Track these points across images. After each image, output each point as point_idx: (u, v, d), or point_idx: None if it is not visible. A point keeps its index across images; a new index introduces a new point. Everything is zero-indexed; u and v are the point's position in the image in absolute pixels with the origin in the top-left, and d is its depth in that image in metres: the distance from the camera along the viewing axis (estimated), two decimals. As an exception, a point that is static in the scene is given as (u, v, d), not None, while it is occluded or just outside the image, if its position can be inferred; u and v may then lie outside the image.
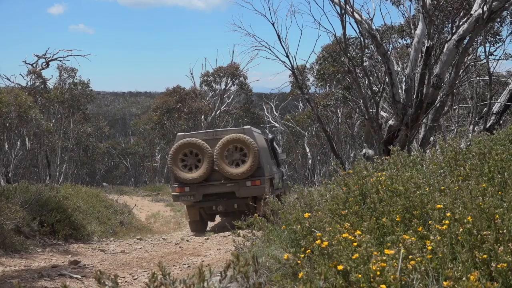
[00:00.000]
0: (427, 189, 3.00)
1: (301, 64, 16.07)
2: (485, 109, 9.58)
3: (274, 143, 12.97)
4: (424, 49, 7.79)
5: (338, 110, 22.87)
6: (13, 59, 70.49)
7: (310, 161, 27.45)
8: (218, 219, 11.32)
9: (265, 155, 9.97)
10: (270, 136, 12.62)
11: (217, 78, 27.00)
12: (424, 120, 8.06)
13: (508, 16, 12.39)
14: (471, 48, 10.20)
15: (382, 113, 12.07)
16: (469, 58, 11.53)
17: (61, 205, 8.73)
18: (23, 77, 25.26)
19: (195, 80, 28.21)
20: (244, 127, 10.05)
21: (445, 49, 7.66)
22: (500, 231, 2.30)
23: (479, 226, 2.33)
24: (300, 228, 2.80)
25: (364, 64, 9.43)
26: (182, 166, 9.36)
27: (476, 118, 11.21)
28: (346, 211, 3.14)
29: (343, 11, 7.55)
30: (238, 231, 4.03)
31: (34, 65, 24.31)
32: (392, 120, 7.88)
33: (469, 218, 2.39)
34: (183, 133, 10.07)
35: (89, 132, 27.69)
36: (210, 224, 10.92)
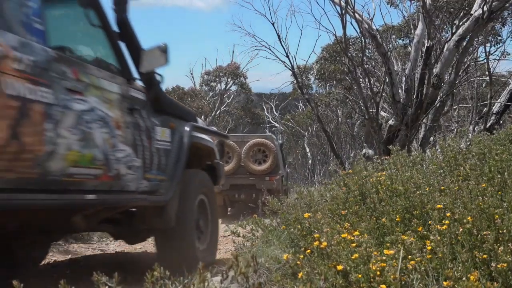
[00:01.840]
0: (427, 189, 3.00)
1: (302, 64, 16.11)
2: (485, 109, 9.58)
3: (282, 147, 15.55)
4: (424, 49, 7.80)
5: (338, 110, 22.87)
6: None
7: (310, 161, 27.47)
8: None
9: (279, 157, 12.16)
10: (280, 141, 14.64)
11: (216, 78, 26.99)
12: (424, 120, 8.07)
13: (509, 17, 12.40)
14: (471, 48, 10.19)
15: (382, 113, 12.07)
16: (469, 58, 11.52)
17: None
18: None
19: (195, 80, 28.22)
20: (266, 134, 13.55)
21: (445, 49, 7.66)
22: (500, 231, 2.30)
23: (479, 226, 2.33)
24: (299, 228, 2.81)
25: (365, 64, 9.43)
26: None
27: (476, 118, 11.22)
28: (346, 211, 3.14)
29: (343, 11, 7.55)
30: (238, 231, 4.04)
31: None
32: (392, 120, 7.88)
33: (469, 218, 2.39)
34: None
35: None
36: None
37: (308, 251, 2.45)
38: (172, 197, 3.82)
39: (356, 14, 8.05)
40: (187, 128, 4.19)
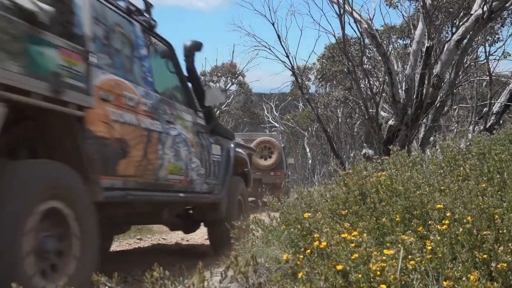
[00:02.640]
0: (427, 189, 3.00)
1: (302, 64, 16.14)
2: (485, 109, 9.58)
3: (285, 150, 16.25)
4: (424, 49, 7.80)
5: (338, 110, 22.87)
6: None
7: (310, 161, 27.47)
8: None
9: (283, 155, 13.18)
10: (282, 145, 15.38)
11: (214, 78, 26.92)
12: (424, 120, 8.07)
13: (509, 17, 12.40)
14: (471, 48, 10.20)
15: (382, 113, 12.08)
16: (469, 58, 11.52)
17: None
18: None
19: (195, 80, 28.09)
20: (272, 133, 14.75)
21: (445, 49, 7.66)
22: (500, 231, 2.30)
23: (479, 226, 2.34)
24: (299, 228, 2.80)
25: (364, 64, 9.44)
26: None
27: (476, 118, 11.22)
28: (346, 211, 3.14)
29: (341, 11, 7.55)
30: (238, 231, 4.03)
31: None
32: (392, 120, 7.88)
33: (469, 218, 2.39)
34: None
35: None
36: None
37: (308, 251, 2.45)
38: (223, 196, 5.14)
39: (355, 14, 8.04)
40: (232, 145, 5.63)
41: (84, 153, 3.13)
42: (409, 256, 2.22)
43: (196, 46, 5.17)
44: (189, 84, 5.04)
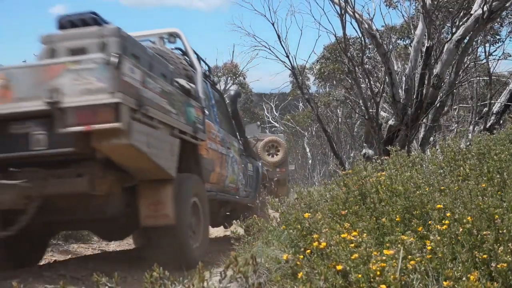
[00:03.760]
0: (427, 189, 3.00)
1: (301, 64, 16.10)
2: (485, 109, 9.58)
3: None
4: (424, 49, 7.79)
5: (338, 110, 22.86)
6: (12, 57, 70.35)
7: (310, 161, 27.46)
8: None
9: (288, 154, 15.12)
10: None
11: (214, 78, 26.81)
12: (424, 120, 8.06)
13: (509, 16, 12.39)
14: (471, 48, 10.19)
15: (382, 113, 12.07)
16: (469, 58, 11.52)
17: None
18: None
19: (195, 80, 28.07)
20: (278, 134, 17.83)
21: (445, 49, 7.65)
22: (500, 231, 2.30)
23: (479, 226, 2.34)
24: (299, 228, 2.80)
25: (365, 64, 9.43)
26: None
27: (476, 118, 11.22)
28: (346, 211, 3.14)
29: (343, 11, 7.55)
30: (237, 231, 4.03)
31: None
32: (392, 120, 7.88)
33: (469, 218, 2.39)
34: None
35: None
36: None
37: (308, 251, 2.45)
38: (255, 200, 6.90)
39: (356, 14, 8.04)
40: (260, 164, 8.27)
41: (202, 167, 5.26)
42: (409, 256, 2.22)
43: (238, 94, 7.77)
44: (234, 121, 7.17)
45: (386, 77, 8.05)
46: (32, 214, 4.03)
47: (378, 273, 2.05)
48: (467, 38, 7.68)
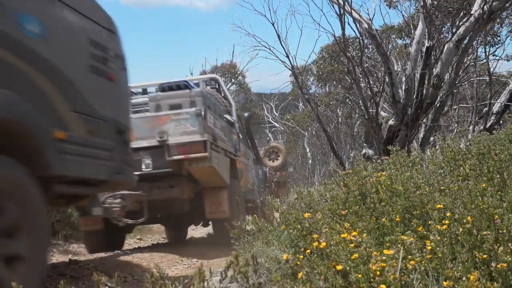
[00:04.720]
0: (427, 189, 3.00)
1: (301, 64, 16.08)
2: (485, 109, 9.59)
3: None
4: (424, 49, 7.79)
5: (338, 110, 22.86)
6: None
7: (310, 161, 27.47)
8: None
9: (287, 158, 16.85)
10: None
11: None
12: (424, 120, 8.07)
13: (509, 17, 12.38)
14: (471, 48, 10.19)
15: (382, 113, 12.07)
16: (469, 58, 11.51)
17: (61, 205, 8.73)
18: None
19: (195, 80, 27.96)
20: (279, 140, 20.54)
21: (445, 49, 7.65)
22: (500, 231, 2.30)
23: (479, 226, 2.33)
24: (299, 228, 2.80)
25: (364, 64, 9.42)
26: None
27: (476, 118, 11.23)
28: (346, 211, 3.14)
29: (342, 11, 7.55)
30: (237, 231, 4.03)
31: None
32: (392, 120, 7.88)
33: (469, 218, 2.39)
34: None
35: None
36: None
37: (308, 251, 2.45)
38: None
39: (354, 14, 8.03)
40: (267, 169, 11.80)
41: (238, 175, 7.59)
42: (409, 256, 2.22)
43: (251, 116, 10.53)
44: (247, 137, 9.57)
45: (386, 77, 8.05)
46: (146, 212, 6.05)
47: (378, 273, 2.05)
48: (467, 38, 7.68)
